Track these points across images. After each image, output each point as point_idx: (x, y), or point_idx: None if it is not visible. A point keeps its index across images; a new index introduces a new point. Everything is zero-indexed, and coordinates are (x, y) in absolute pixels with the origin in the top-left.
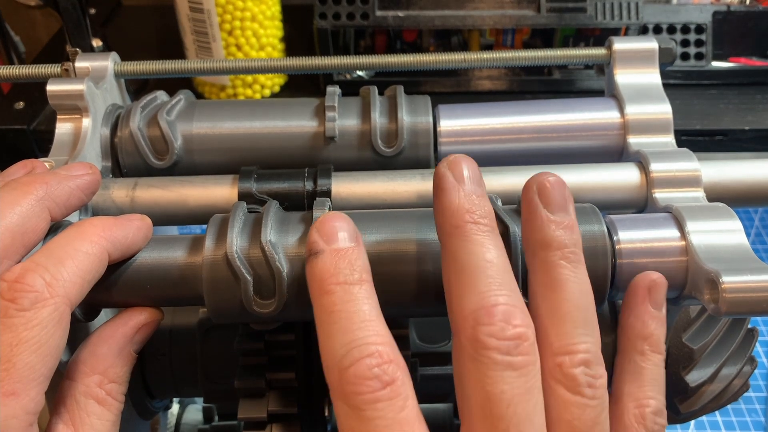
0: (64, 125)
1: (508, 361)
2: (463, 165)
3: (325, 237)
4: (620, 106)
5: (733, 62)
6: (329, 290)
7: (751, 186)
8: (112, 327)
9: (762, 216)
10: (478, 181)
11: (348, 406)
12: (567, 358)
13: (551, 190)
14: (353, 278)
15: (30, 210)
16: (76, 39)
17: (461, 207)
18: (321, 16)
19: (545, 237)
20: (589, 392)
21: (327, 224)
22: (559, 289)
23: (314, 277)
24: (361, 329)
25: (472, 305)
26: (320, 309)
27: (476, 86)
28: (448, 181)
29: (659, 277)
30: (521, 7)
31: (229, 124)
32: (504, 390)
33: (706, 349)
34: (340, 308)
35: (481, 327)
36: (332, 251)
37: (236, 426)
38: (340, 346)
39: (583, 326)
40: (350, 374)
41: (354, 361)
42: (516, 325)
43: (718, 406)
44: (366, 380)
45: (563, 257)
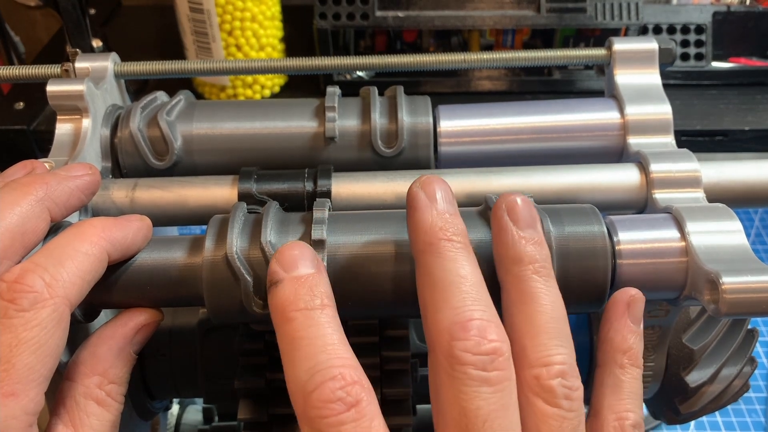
0: (64, 126)
1: (483, 376)
2: (436, 185)
3: (284, 266)
4: (620, 106)
5: (733, 62)
6: (290, 317)
7: (751, 186)
8: (111, 328)
9: (762, 216)
10: (451, 200)
11: (313, 430)
12: (544, 370)
13: (520, 209)
14: (314, 304)
15: (30, 211)
16: (76, 39)
17: (434, 225)
18: (321, 16)
19: (517, 253)
20: (566, 404)
21: (285, 253)
22: (533, 302)
23: (276, 305)
24: (323, 353)
25: (447, 320)
26: (283, 336)
27: (476, 86)
28: (421, 200)
29: (637, 293)
30: (521, 8)
31: (229, 124)
32: (480, 406)
33: (706, 349)
34: (302, 334)
35: (456, 342)
36: (292, 279)
37: (236, 426)
38: (303, 371)
39: (558, 338)
40: (314, 398)
41: (317, 385)
42: (491, 339)
43: (718, 407)
44: (329, 403)
45: (535, 271)
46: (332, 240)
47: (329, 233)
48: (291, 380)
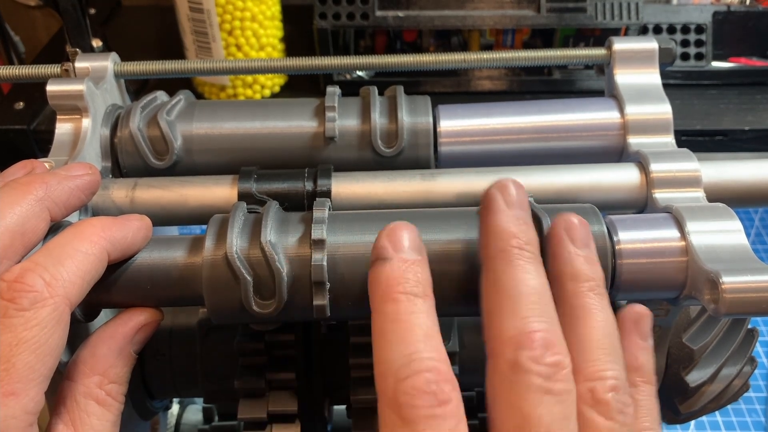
0: (64, 125)
1: (547, 386)
2: (512, 188)
3: (394, 244)
4: (620, 106)
5: (733, 62)
6: (395, 298)
7: (751, 186)
8: (112, 327)
9: (762, 216)
10: (525, 206)
11: (399, 417)
12: (599, 384)
13: (578, 228)
14: (418, 291)
15: (30, 210)
16: (76, 39)
17: (508, 231)
18: (321, 16)
19: (574, 270)
20: (620, 418)
21: (397, 232)
22: (589, 318)
23: (379, 282)
24: (423, 342)
25: (513, 330)
26: (382, 316)
27: (476, 86)
28: (498, 203)
29: (644, 309)
30: (521, 7)
31: (229, 124)
32: (542, 414)
33: (706, 349)
34: (404, 318)
35: (521, 351)
36: (401, 260)
37: (236, 426)
38: (400, 355)
39: (611, 354)
40: (407, 385)
41: (413, 372)
42: (555, 352)
43: (718, 407)
44: (423, 394)
45: (590, 289)
46: (332, 240)
47: (329, 233)
48: (383, 361)
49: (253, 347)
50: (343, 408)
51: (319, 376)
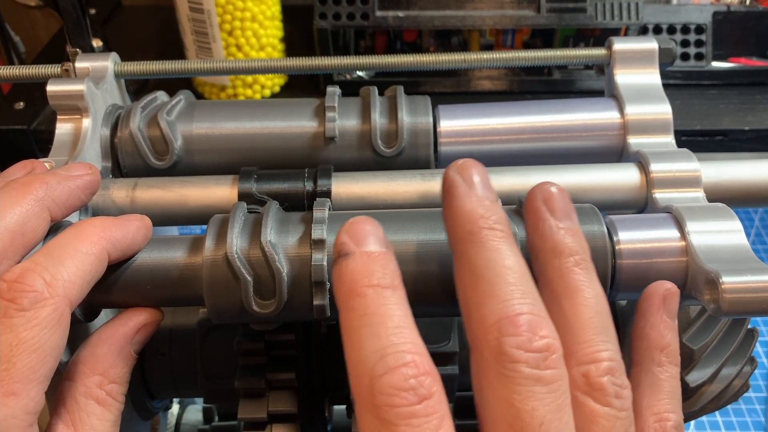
0: (64, 125)
1: (537, 375)
2: (473, 170)
3: (355, 239)
4: (620, 106)
5: (733, 62)
6: (360, 292)
7: (751, 186)
8: (112, 327)
9: (762, 216)
10: (489, 186)
11: (378, 420)
12: (593, 367)
13: (557, 198)
14: (386, 282)
15: (30, 210)
16: (76, 39)
17: (475, 212)
18: (321, 16)
19: (556, 244)
20: (618, 403)
21: (357, 227)
22: (577, 296)
23: (343, 278)
24: (396, 335)
25: (494, 315)
26: (349, 312)
27: (476, 86)
28: (459, 185)
29: (673, 286)
30: (521, 7)
31: (229, 124)
32: (535, 407)
33: (706, 349)
34: (373, 311)
35: (506, 338)
36: (363, 253)
37: (236, 426)
38: (373, 352)
39: (604, 333)
40: (384, 384)
41: (389, 369)
42: (543, 335)
43: (718, 407)
44: (401, 391)
45: (576, 263)
46: (332, 239)
47: (329, 233)
48: (355, 360)
49: (253, 347)
50: (343, 408)
51: (319, 376)
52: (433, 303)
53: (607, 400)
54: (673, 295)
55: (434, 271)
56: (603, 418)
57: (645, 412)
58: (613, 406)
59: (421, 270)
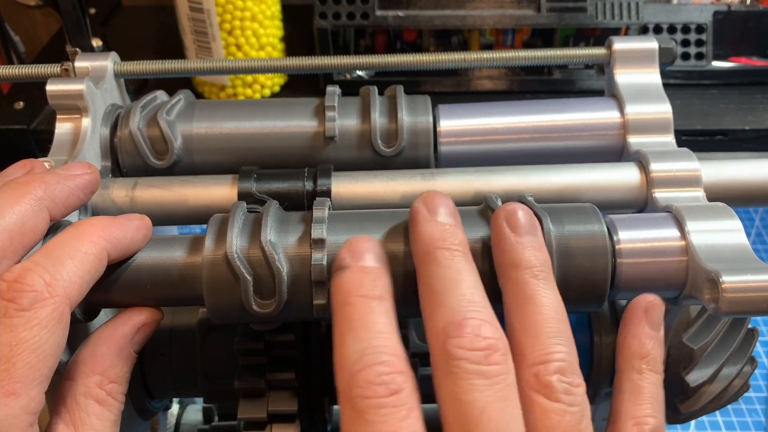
0: (64, 125)
1: (478, 369)
2: (437, 200)
3: (353, 254)
4: (620, 106)
5: (733, 62)
6: (350, 301)
7: (751, 186)
8: (111, 327)
9: (762, 216)
10: (452, 214)
11: (353, 409)
12: (542, 367)
13: (518, 216)
14: (374, 293)
15: (29, 210)
16: (76, 39)
17: (433, 235)
18: (321, 16)
19: (514, 258)
20: (567, 399)
21: (356, 244)
22: (530, 304)
23: (338, 289)
24: (375, 339)
25: (443, 321)
26: (339, 318)
27: (476, 86)
28: (421, 213)
29: (656, 299)
30: (521, 7)
31: (229, 124)
32: (476, 398)
33: (707, 349)
34: (358, 317)
35: (450, 340)
36: (358, 267)
37: (236, 426)
38: (354, 351)
39: (557, 336)
40: (359, 378)
41: (365, 366)
42: (486, 336)
43: (718, 406)
44: (374, 385)
45: (533, 275)
46: (332, 239)
47: (329, 232)
48: (340, 358)
49: (253, 347)
50: None
51: (319, 376)
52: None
53: (557, 396)
54: (655, 307)
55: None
56: (552, 412)
57: (624, 417)
58: (563, 402)
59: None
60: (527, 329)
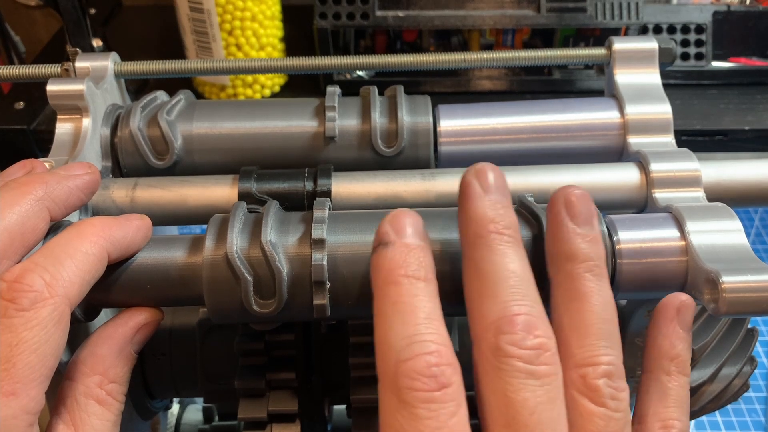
0: (64, 125)
1: (530, 369)
2: (490, 173)
3: (396, 230)
4: (620, 106)
5: (733, 62)
6: (396, 281)
7: (751, 186)
8: (112, 327)
9: (762, 216)
10: (504, 191)
11: (398, 400)
12: (590, 370)
13: (578, 203)
14: (420, 274)
15: (29, 210)
16: (76, 39)
17: (486, 216)
18: (321, 16)
19: (571, 249)
20: (612, 404)
21: (401, 218)
22: (584, 301)
23: (381, 266)
24: (424, 325)
25: (494, 314)
26: (384, 298)
27: (476, 86)
28: (474, 189)
29: (688, 299)
30: (521, 7)
31: (229, 124)
32: (527, 398)
33: (706, 349)
34: (406, 300)
35: (502, 336)
36: (403, 244)
37: (236, 426)
38: (401, 338)
39: (606, 339)
40: (408, 368)
41: (414, 355)
42: (537, 335)
43: (718, 406)
44: (424, 377)
45: (588, 270)
46: (332, 239)
47: (329, 232)
48: (384, 343)
49: (253, 347)
50: (343, 408)
51: (319, 376)
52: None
53: (603, 401)
54: (688, 307)
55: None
56: (597, 416)
57: (651, 418)
58: (608, 407)
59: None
60: (577, 327)
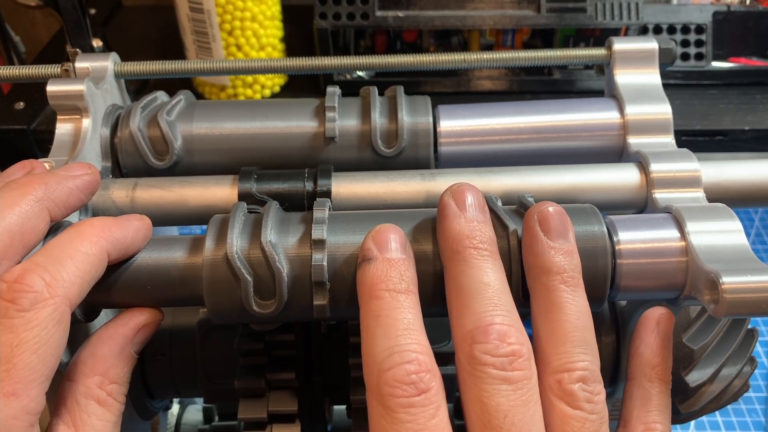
0: (64, 125)
1: (503, 375)
2: (467, 193)
3: (379, 245)
4: (620, 106)
5: (733, 62)
6: (378, 295)
7: (751, 186)
8: (112, 328)
9: (762, 216)
10: (481, 208)
11: (382, 407)
12: (565, 375)
13: (551, 218)
14: (401, 287)
15: (29, 210)
16: (76, 39)
17: (461, 233)
18: (321, 16)
19: (545, 263)
20: (588, 407)
21: (382, 234)
22: (558, 311)
23: (365, 281)
24: (403, 336)
25: (470, 325)
26: (367, 312)
27: (476, 86)
28: (451, 209)
29: (667, 311)
30: (521, 7)
31: (229, 124)
32: (500, 402)
33: (706, 349)
34: (387, 314)
35: (477, 345)
36: (384, 260)
37: (236, 426)
38: (383, 349)
39: (581, 345)
40: (389, 377)
41: (394, 364)
42: (510, 342)
43: (718, 407)
44: (403, 384)
45: (562, 281)
46: (332, 240)
47: (329, 233)
48: (368, 354)
49: (253, 347)
50: (343, 408)
51: (319, 376)
52: (429, 303)
53: (578, 404)
54: (667, 319)
55: (430, 272)
56: (573, 419)
57: (635, 421)
58: (584, 410)
59: (419, 270)
60: (552, 336)
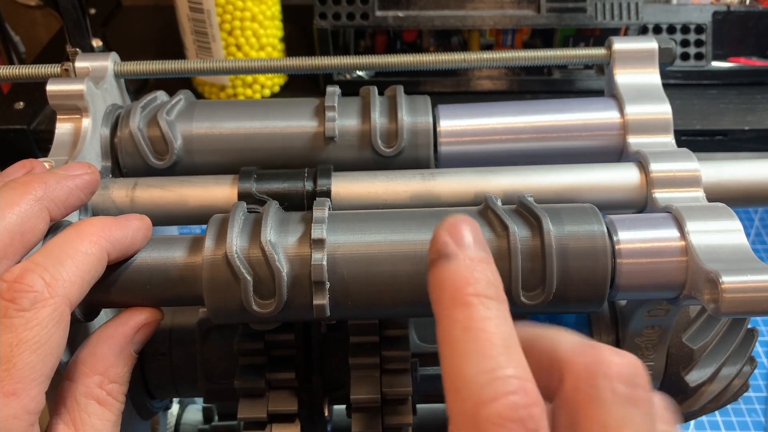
0: (64, 125)
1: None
2: (462, 228)
3: (457, 240)
4: (620, 106)
5: (733, 62)
6: (466, 301)
7: (751, 186)
8: (112, 327)
9: (762, 216)
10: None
11: None
12: None
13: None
14: (491, 293)
15: (29, 210)
16: (76, 39)
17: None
18: (321, 16)
19: None
20: None
21: (459, 226)
22: None
23: (445, 283)
24: (504, 356)
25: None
26: (452, 322)
27: (476, 86)
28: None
29: None
30: (521, 7)
31: (229, 124)
32: None
33: (706, 349)
34: (480, 326)
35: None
36: (467, 257)
37: (236, 426)
38: (480, 372)
39: None
40: (491, 412)
41: (498, 395)
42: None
43: (717, 406)
44: (509, 422)
45: None
46: (332, 239)
47: (329, 233)
48: (458, 376)
49: (253, 347)
50: (343, 408)
51: (319, 376)
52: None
53: None
54: None
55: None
56: None
57: None
58: None
59: (420, 270)
60: None
